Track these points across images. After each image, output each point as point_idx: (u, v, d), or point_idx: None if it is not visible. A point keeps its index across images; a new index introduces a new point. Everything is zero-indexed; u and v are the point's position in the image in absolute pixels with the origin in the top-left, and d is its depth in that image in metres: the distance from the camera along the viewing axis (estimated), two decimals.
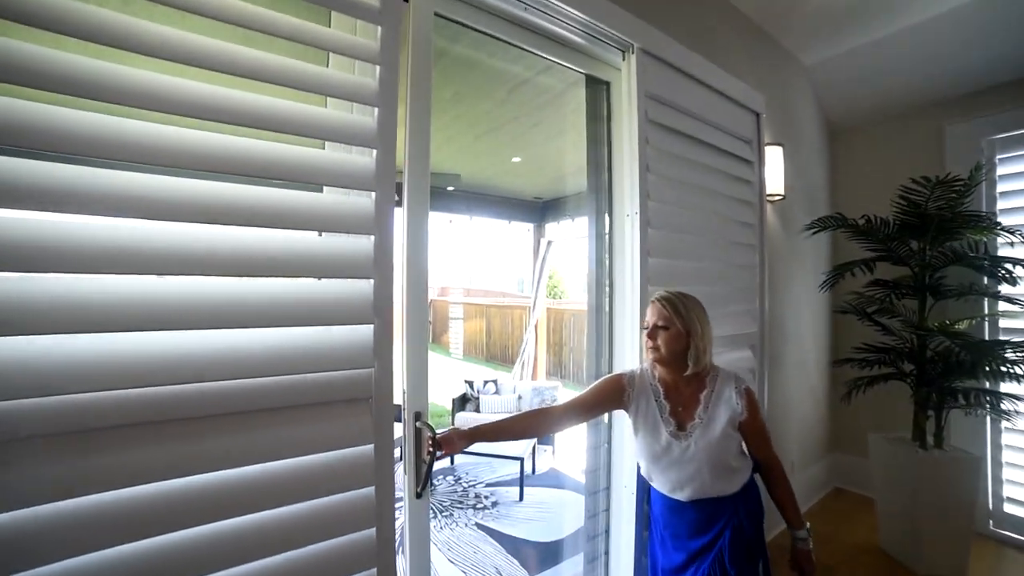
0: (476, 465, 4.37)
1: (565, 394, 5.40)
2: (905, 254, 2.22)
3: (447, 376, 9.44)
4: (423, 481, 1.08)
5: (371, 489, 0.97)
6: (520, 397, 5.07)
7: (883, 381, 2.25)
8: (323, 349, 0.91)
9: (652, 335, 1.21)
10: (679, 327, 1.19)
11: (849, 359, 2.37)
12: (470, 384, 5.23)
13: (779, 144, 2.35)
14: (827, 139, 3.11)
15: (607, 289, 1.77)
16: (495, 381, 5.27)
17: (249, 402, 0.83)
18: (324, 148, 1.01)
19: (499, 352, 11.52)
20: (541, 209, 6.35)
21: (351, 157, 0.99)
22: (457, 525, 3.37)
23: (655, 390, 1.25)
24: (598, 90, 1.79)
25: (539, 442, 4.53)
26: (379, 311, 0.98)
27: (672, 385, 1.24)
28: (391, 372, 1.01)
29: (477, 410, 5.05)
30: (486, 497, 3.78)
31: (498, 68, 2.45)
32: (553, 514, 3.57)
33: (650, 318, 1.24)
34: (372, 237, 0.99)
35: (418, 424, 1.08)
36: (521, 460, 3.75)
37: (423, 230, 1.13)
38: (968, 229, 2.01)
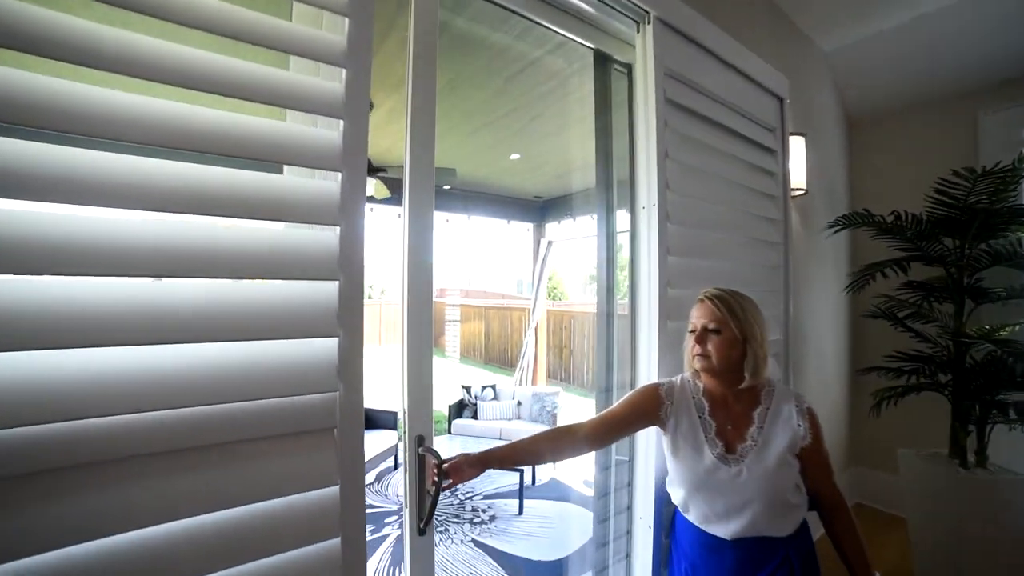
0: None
1: (566, 400, 5.20)
2: (940, 253, 2.03)
3: (445, 379, 9.25)
4: (427, 516, 0.90)
5: (335, 542, 0.78)
6: (519, 403, 4.88)
7: (915, 392, 2.06)
8: (271, 369, 0.72)
9: (701, 339, 1.03)
10: (734, 331, 1.01)
11: (877, 367, 2.18)
12: (467, 390, 5.03)
13: (801, 134, 2.16)
14: (846, 132, 2.92)
15: (616, 292, 1.58)
16: (493, 386, 5.08)
17: (166, 440, 0.64)
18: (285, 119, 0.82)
19: (498, 355, 11.34)
20: (541, 208, 6.16)
21: (311, 130, 0.80)
22: (452, 542, 3.17)
23: (699, 405, 1.07)
24: (608, 71, 1.61)
25: None
26: (346, 321, 0.79)
27: (720, 399, 1.07)
28: (361, 395, 0.81)
29: (475, 417, 4.85)
30: (483, 510, 3.58)
31: (499, 47, 2.25)
32: (555, 529, 3.37)
33: (697, 319, 1.05)
34: (337, 229, 0.79)
35: (421, 450, 0.91)
36: (520, 471, 3.55)
37: (427, 228, 0.95)
38: (1018, 225, 1.83)
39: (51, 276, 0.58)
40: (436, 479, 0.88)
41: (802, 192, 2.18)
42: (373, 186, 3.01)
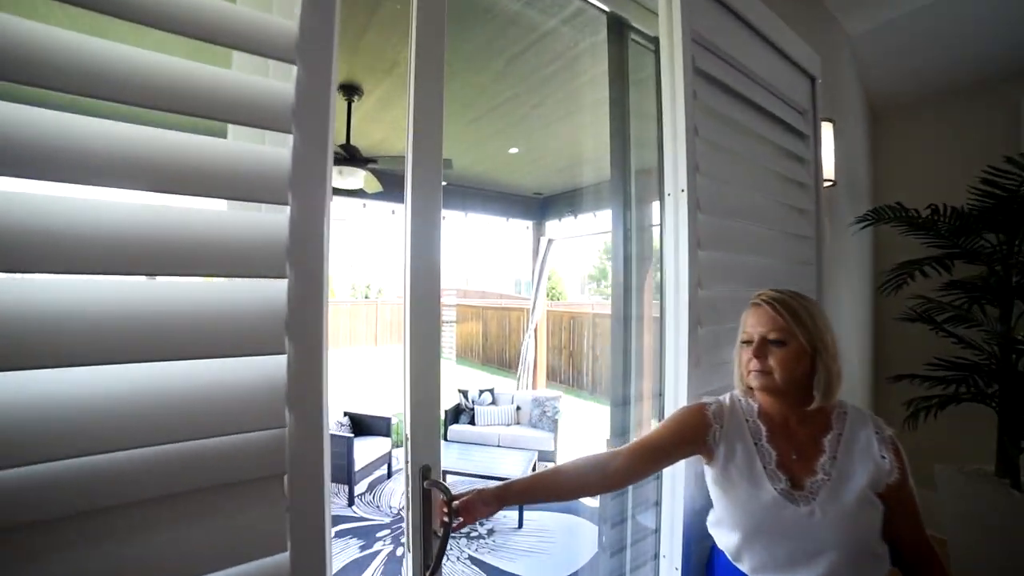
0: (469, 485, 3.96)
1: (568, 403, 4.98)
2: (983, 250, 1.84)
3: (442, 381, 8.99)
4: (435, 562, 0.74)
5: None
6: (519, 408, 4.68)
7: (955, 403, 1.88)
8: (188, 401, 0.52)
9: (760, 352, 0.85)
10: (802, 342, 0.83)
11: (911, 375, 1.99)
12: (464, 394, 4.83)
13: (830, 120, 1.97)
14: (868, 122, 2.74)
15: (634, 294, 1.39)
16: (491, 390, 4.88)
17: (27, 505, 0.44)
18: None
19: (496, 356, 11.14)
20: (541, 205, 5.97)
21: (249, 78, 0.60)
22: (448, 559, 2.97)
23: (754, 429, 0.89)
24: (624, 41, 1.41)
25: (539, 457, 4.14)
26: (299, 332, 0.59)
27: (780, 423, 0.89)
28: (321, 429, 0.61)
29: (472, 422, 4.65)
30: (481, 523, 3.38)
31: (501, 20, 2.05)
32: (557, 544, 3.18)
33: (754, 328, 0.88)
34: (287, 209, 0.59)
35: (427, 484, 0.75)
36: None
37: (433, 227, 0.77)
38: None
39: None
40: (445, 519, 0.73)
41: (830, 183, 1.99)
42: (363, 179, 2.81)
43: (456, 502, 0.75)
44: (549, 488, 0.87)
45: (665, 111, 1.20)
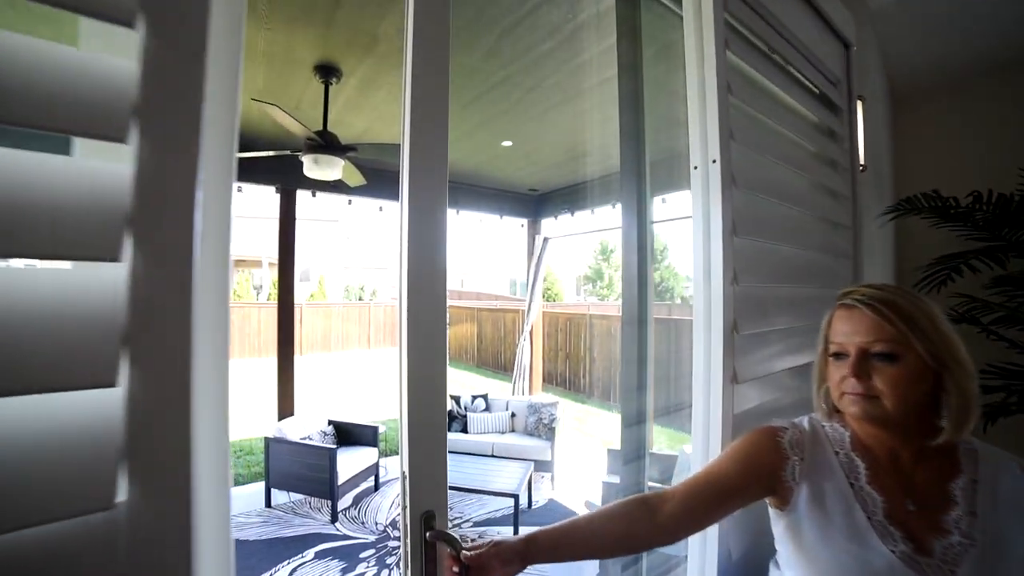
0: (461, 500, 3.73)
1: (566, 407, 4.68)
2: None
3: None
4: None
5: None
6: (514, 415, 4.45)
7: (1004, 415, 1.67)
8: None
9: (861, 370, 0.63)
10: (921, 356, 0.62)
11: None
12: (456, 400, 4.59)
13: (860, 97, 1.76)
14: (890, 105, 2.54)
15: (648, 294, 1.16)
16: (485, 396, 4.65)
17: None
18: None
19: (491, 358, 10.91)
20: (536, 202, 5.74)
21: None
22: None
23: (848, 465, 0.67)
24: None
25: (536, 467, 3.91)
26: (146, 348, 0.36)
27: (888, 461, 0.67)
28: (186, 507, 0.38)
29: (464, 430, 4.41)
30: (473, 540, 3.14)
31: None
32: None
33: (850, 337, 0.66)
34: (131, 149, 0.36)
35: (430, 535, 0.62)
36: (516, 497, 3.12)
37: (435, 227, 0.66)
38: None
39: None
40: None
41: (861, 168, 1.78)
42: (341, 170, 2.57)
43: (466, 555, 0.60)
44: (586, 541, 0.67)
45: (690, 67, 0.98)
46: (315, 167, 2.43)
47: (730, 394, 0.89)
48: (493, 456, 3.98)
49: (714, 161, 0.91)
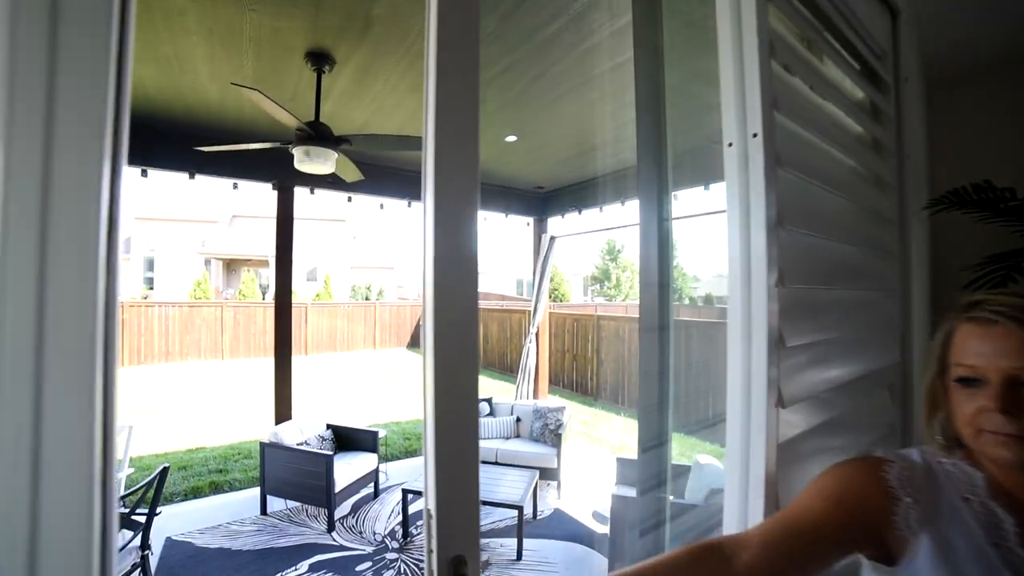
0: None
1: (575, 411, 4.47)
2: None
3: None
4: None
5: None
6: (519, 419, 4.29)
7: None
8: None
9: (1011, 404, 0.49)
10: None
11: None
12: None
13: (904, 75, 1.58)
14: (924, 92, 2.34)
15: (670, 297, 1.00)
16: (489, 400, 4.50)
17: None
18: None
19: (497, 359, 10.77)
20: (542, 200, 5.58)
21: None
22: None
23: (989, 520, 0.52)
24: None
25: (541, 475, 3.75)
26: None
27: None
28: None
29: None
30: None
31: None
32: None
33: (991, 360, 0.51)
34: None
35: None
36: (520, 508, 2.96)
37: (465, 227, 0.60)
38: None
39: None
40: None
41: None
42: (335, 163, 2.43)
43: None
44: None
45: (722, 26, 0.81)
46: (306, 160, 2.29)
47: (774, 420, 0.73)
48: (496, 464, 3.83)
49: (755, 135, 0.74)
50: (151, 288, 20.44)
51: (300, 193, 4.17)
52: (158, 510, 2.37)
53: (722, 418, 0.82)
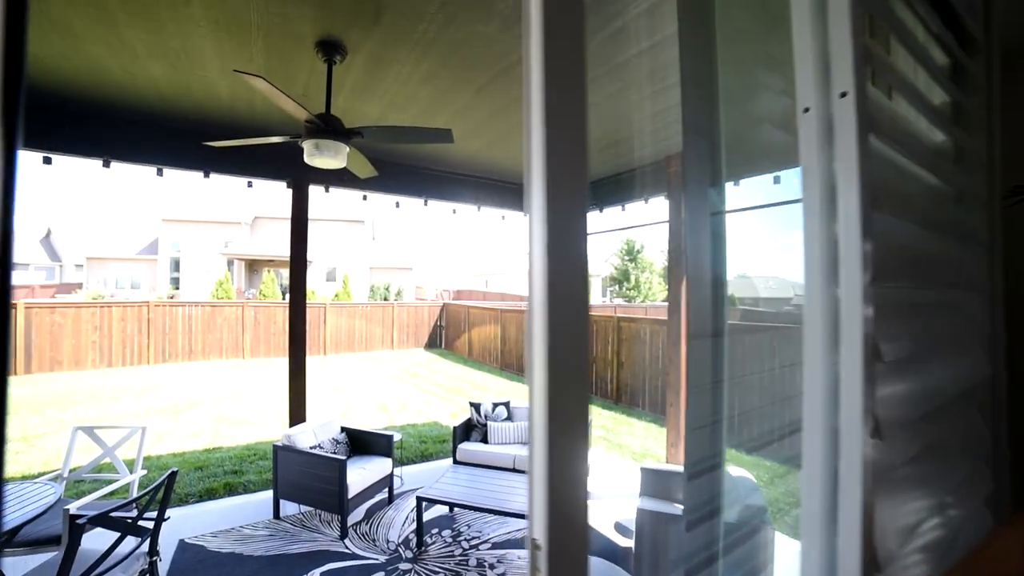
0: (479, 518, 3.45)
1: (594, 415, 4.29)
2: None
3: (454, 386, 8.58)
4: None
5: None
6: None
7: None
8: None
9: None
10: None
11: None
12: (476, 408, 4.32)
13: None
14: (988, 67, 2.11)
15: (724, 302, 0.85)
16: (507, 404, 4.36)
17: None
18: None
19: (515, 360, 10.64)
20: None
21: None
22: None
23: None
24: None
25: None
26: None
27: None
28: None
29: (484, 440, 4.14)
30: (492, 566, 2.86)
31: None
32: None
33: None
34: None
35: None
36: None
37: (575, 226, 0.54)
38: None
39: None
40: None
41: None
42: (346, 157, 2.33)
43: None
44: None
45: None
46: (317, 154, 2.20)
47: (870, 455, 0.57)
48: (514, 471, 3.69)
49: (843, 95, 0.59)
50: (176, 288, 20.97)
51: (319, 194, 4.11)
52: (166, 515, 2.30)
53: (779, 436, 0.67)
